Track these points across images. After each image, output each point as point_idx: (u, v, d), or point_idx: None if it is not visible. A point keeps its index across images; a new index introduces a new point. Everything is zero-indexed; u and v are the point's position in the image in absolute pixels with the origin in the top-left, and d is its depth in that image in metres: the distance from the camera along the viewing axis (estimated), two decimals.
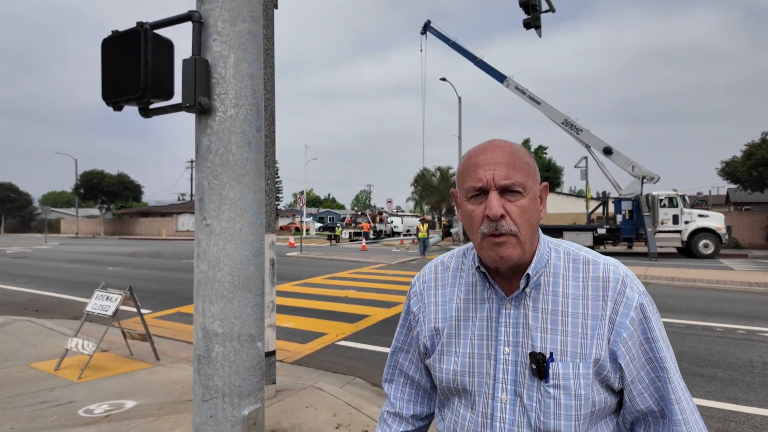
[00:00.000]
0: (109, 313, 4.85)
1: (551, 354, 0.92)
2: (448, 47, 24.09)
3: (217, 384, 1.97)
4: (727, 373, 4.86)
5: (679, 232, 19.31)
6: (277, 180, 50.44)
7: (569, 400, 0.91)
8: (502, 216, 0.90)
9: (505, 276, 0.99)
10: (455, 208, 1.05)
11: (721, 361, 5.24)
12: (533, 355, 0.92)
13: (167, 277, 13.27)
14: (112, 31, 2.10)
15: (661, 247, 19.20)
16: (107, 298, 4.99)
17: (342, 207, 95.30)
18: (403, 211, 53.53)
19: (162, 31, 2.05)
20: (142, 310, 8.13)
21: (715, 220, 19.21)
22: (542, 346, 0.93)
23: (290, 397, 3.95)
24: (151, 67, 1.96)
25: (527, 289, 0.96)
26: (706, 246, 18.95)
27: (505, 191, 0.92)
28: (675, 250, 20.47)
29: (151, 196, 72.20)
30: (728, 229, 19.45)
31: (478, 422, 0.98)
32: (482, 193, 0.93)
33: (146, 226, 50.80)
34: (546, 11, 10.78)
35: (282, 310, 8.05)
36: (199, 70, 1.92)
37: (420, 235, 21.49)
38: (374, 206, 62.27)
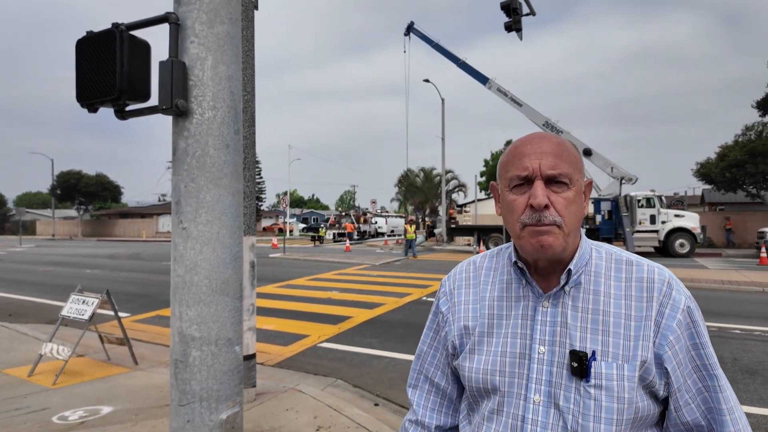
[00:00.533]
0: (86, 317, 4.76)
1: (593, 352, 0.88)
2: (431, 48, 24.22)
3: (195, 388, 1.96)
4: None
5: (657, 231, 19.76)
6: (259, 180, 50.19)
7: (611, 402, 0.85)
8: (546, 206, 0.87)
9: (543, 273, 0.95)
10: (494, 202, 1.01)
11: None
12: (574, 353, 0.88)
13: (147, 279, 13.05)
14: (87, 32, 2.07)
15: (639, 246, 19.61)
16: (83, 301, 4.89)
17: (326, 207, 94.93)
18: (387, 212, 53.59)
19: (139, 33, 2.03)
20: (121, 314, 7.98)
21: (691, 220, 19.72)
22: (582, 345, 0.88)
23: (271, 400, 3.93)
24: (127, 68, 1.94)
25: (567, 288, 0.93)
26: (682, 245, 19.43)
27: (550, 182, 0.88)
28: (653, 250, 20.93)
29: (130, 197, 70.81)
30: (703, 228, 19.99)
31: (508, 424, 0.92)
32: (527, 182, 0.90)
33: (126, 228, 49.84)
34: (527, 14, 10.94)
35: (264, 312, 7.99)
36: (176, 72, 1.90)
37: (408, 236, 21.04)
38: (358, 207, 62.20)
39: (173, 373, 2.00)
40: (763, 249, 16.63)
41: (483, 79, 22.64)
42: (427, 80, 28.24)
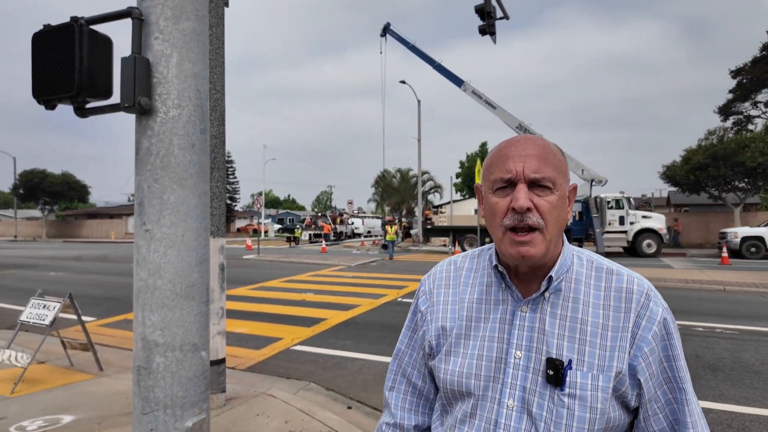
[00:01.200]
0: (47, 322, 4.57)
1: (569, 361, 0.88)
2: (408, 50, 24.32)
3: (159, 396, 1.90)
4: None
5: (625, 232, 20.36)
6: (233, 180, 49.40)
7: (584, 412, 0.85)
8: (528, 209, 0.86)
9: (523, 278, 0.95)
10: (477, 203, 1.00)
11: None
12: (551, 361, 0.87)
13: (114, 282, 12.66)
14: (44, 25, 1.99)
15: (609, 246, 20.15)
16: (44, 306, 4.70)
17: (302, 208, 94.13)
18: (364, 213, 53.53)
19: (101, 28, 1.96)
20: (86, 318, 7.71)
21: (657, 221, 20.40)
22: (558, 353, 0.88)
23: (241, 405, 3.85)
24: (87, 64, 1.87)
25: (546, 294, 0.92)
26: (649, 245, 20.07)
27: (533, 185, 0.88)
28: (622, 250, 21.54)
29: (99, 197, 68.58)
30: (669, 229, 20.71)
31: (481, 427, 0.92)
32: (510, 185, 0.89)
33: (93, 229, 48.27)
34: (500, 18, 11.09)
35: (236, 315, 7.85)
36: (139, 69, 1.84)
37: (388, 237, 20.89)
38: (335, 207, 61.93)
39: (136, 380, 1.93)
40: (724, 249, 17.32)
41: (458, 82, 22.88)
42: (403, 81, 28.36)
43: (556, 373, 0.87)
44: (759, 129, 27.36)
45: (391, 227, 21.13)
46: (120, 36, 2.00)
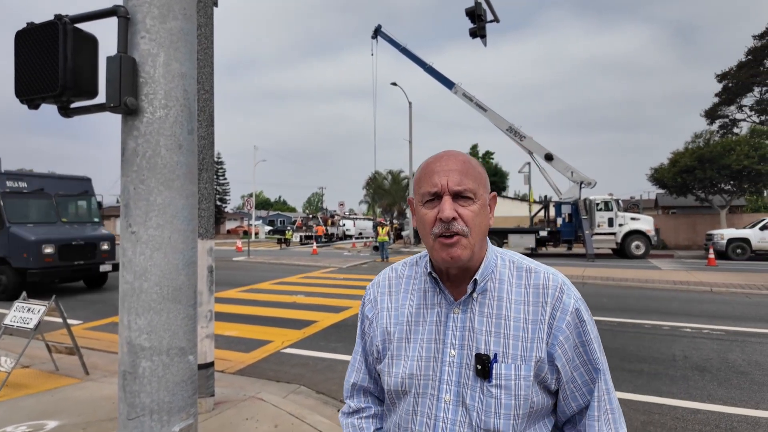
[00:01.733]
0: (31, 325, 4.48)
1: (495, 355, 0.97)
2: (399, 52, 24.35)
3: (144, 401, 1.87)
4: (653, 368, 5.19)
5: (614, 234, 20.53)
6: (223, 182, 49.06)
7: (509, 399, 0.95)
8: (454, 218, 0.95)
9: (454, 281, 1.03)
10: (411, 214, 1.09)
11: (648, 357, 5.59)
12: (479, 356, 0.96)
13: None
14: (27, 23, 1.95)
15: (598, 248, 20.31)
16: (29, 309, 4.61)
17: (293, 210, 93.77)
18: (355, 214, 53.45)
19: (86, 26, 1.92)
20: (73, 321, 7.60)
21: (646, 223, 20.60)
22: (486, 348, 0.97)
23: (230, 409, 3.81)
24: (71, 63, 1.84)
25: (474, 294, 1.01)
26: (637, 247, 20.26)
27: (457, 197, 0.97)
28: (611, 251, 21.72)
29: None
30: (657, 231, 20.91)
31: (423, 423, 1.00)
32: (437, 197, 0.98)
33: None
34: (491, 21, 11.15)
35: (225, 318, 7.78)
36: (125, 68, 1.81)
37: (379, 239, 20.40)
38: (326, 209, 61.77)
39: (121, 385, 1.90)
40: (711, 250, 17.55)
41: (449, 84, 22.94)
42: (394, 84, 28.38)
43: (483, 367, 0.96)
44: (744, 132, 27.79)
45: (382, 229, 20.78)
46: (106, 35, 1.97)
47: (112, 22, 1.87)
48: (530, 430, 0.98)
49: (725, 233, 19.72)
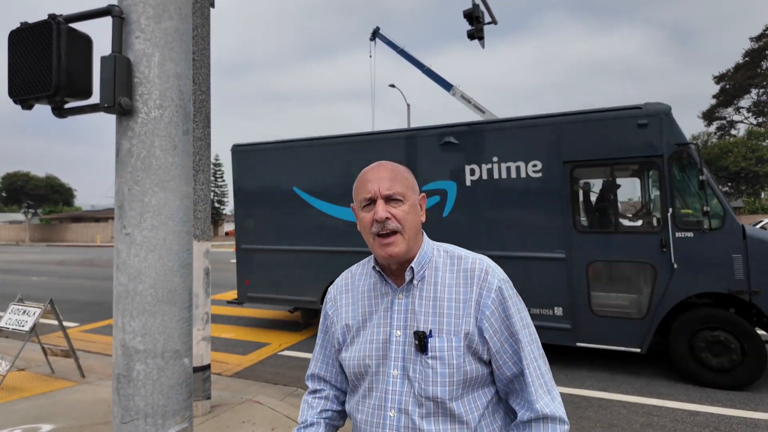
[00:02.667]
0: (26, 328, 4.46)
1: (430, 331, 1.11)
2: (397, 54, 24.37)
3: (139, 404, 1.84)
4: (652, 370, 5.18)
5: None
6: (222, 184, 48.96)
7: (444, 368, 1.08)
8: (387, 218, 1.11)
9: (397, 272, 1.19)
10: (355, 218, 1.22)
11: (647, 359, 5.58)
12: (416, 333, 1.11)
13: (99, 286, 12.44)
14: (21, 23, 1.93)
15: None
16: (24, 311, 4.58)
17: None
18: None
19: (80, 26, 1.91)
20: (69, 323, 7.57)
21: None
22: (425, 327, 1.12)
23: (227, 412, 3.78)
24: (65, 63, 1.82)
25: (414, 281, 1.15)
26: None
27: (389, 200, 1.13)
28: None
29: (84, 200, 67.60)
30: None
31: (378, 398, 1.14)
32: (372, 202, 1.14)
33: (78, 232, 47.47)
34: (489, 23, 11.17)
35: (223, 320, 7.75)
36: (119, 68, 1.80)
37: None
38: None
39: (115, 388, 1.87)
40: None
41: (447, 86, 22.93)
42: (392, 85, 28.38)
43: (420, 342, 1.10)
44: (742, 134, 27.87)
45: None
46: (102, 35, 1.96)
47: (107, 21, 1.86)
48: (468, 397, 1.10)
49: None
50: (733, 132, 30.91)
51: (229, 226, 55.69)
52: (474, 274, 1.14)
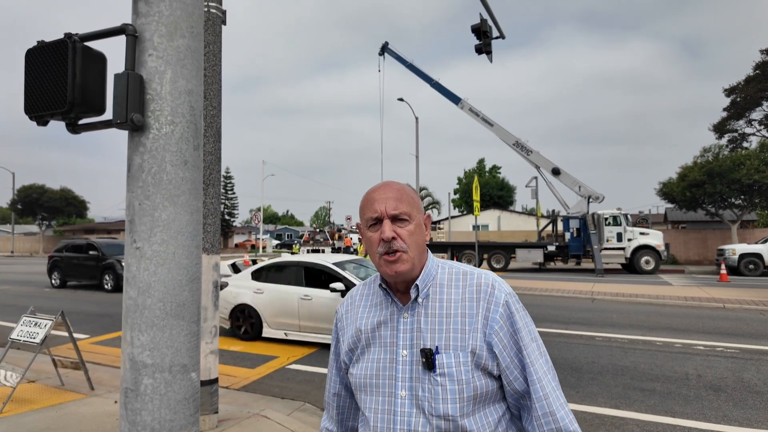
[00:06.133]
0: (37, 340, 4.49)
1: (437, 348, 1.09)
2: (406, 68, 24.57)
3: (146, 419, 1.84)
4: (666, 387, 5.07)
5: (623, 249, 20.31)
6: (232, 196, 49.39)
7: (453, 385, 1.07)
8: (393, 237, 1.11)
9: (402, 291, 1.18)
10: (361, 236, 1.23)
11: (660, 375, 5.47)
12: (423, 351, 1.09)
13: (110, 298, 12.53)
14: (38, 42, 1.98)
15: (607, 263, 20.08)
16: (35, 324, 4.62)
17: (301, 224, 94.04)
18: None
19: (95, 44, 1.95)
20: (80, 335, 7.61)
21: (655, 238, 20.35)
22: (431, 344, 1.10)
23: (233, 427, 3.76)
24: (80, 81, 1.86)
25: (419, 299, 1.15)
26: (647, 262, 19.99)
27: (395, 219, 1.13)
28: (620, 266, 21.46)
29: (97, 213, 68.54)
30: (666, 246, 20.64)
31: (384, 419, 1.12)
32: (378, 222, 1.14)
33: None
34: (496, 38, 11.24)
35: (231, 332, 7.75)
36: (132, 85, 1.83)
37: (360, 255, 17.41)
38: (333, 223, 61.85)
39: (123, 402, 1.88)
40: (723, 266, 17.27)
41: (455, 99, 23.07)
42: (401, 99, 28.59)
43: (427, 360, 1.08)
44: (754, 147, 27.56)
45: (361, 244, 18.15)
46: (116, 52, 2.00)
47: (122, 39, 1.90)
48: (479, 414, 1.09)
49: (737, 248, 19.42)
50: (745, 144, 30.57)
51: (239, 238, 55.98)
52: (480, 288, 1.14)
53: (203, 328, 3.73)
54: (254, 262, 11.34)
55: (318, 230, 43.35)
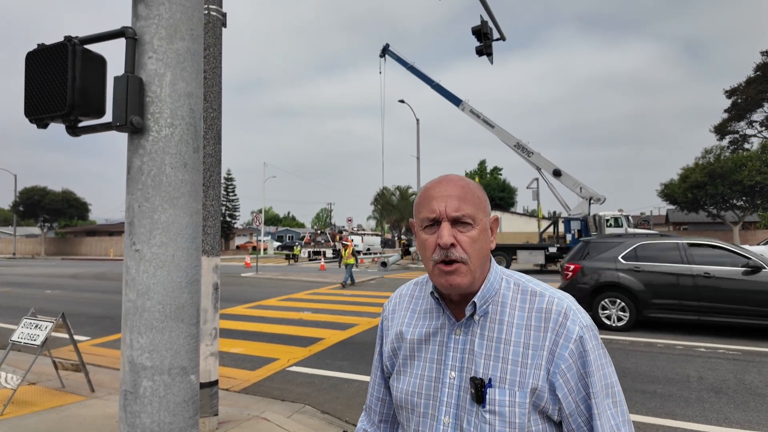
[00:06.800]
0: (38, 342, 4.49)
1: (490, 380, 0.94)
2: (407, 70, 24.61)
3: (145, 422, 1.84)
4: (667, 389, 5.05)
5: None
6: (233, 198, 49.47)
7: (503, 427, 0.92)
8: (452, 245, 0.94)
9: (457, 303, 1.02)
10: (414, 236, 1.08)
11: (661, 377, 5.45)
12: (473, 380, 0.95)
13: (111, 300, 12.54)
14: (38, 45, 1.99)
15: None
16: (36, 326, 4.63)
17: (302, 225, 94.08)
18: (363, 230, 53.47)
19: (96, 47, 1.96)
20: (81, 337, 7.61)
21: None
22: (484, 372, 0.95)
23: (233, 429, 3.76)
24: (80, 83, 1.87)
25: (476, 317, 0.99)
26: None
27: (456, 222, 0.96)
28: None
29: (99, 214, 68.62)
30: None
31: None
32: (435, 223, 0.97)
33: (92, 246, 48.12)
34: (497, 39, 11.25)
35: (232, 334, 7.75)
36: (132, 88, 1.84)
37: (344, 261, 16.30)
38: (334, 225, 61.88)
39: (122, 405, 1.88)
40: None
41: (456, 101, 23.10)
42: (402, 101, 28.63)
43: (477, 392, 0.94)
44: (755, 148, 27.53)
45: (344, 249, 16.07)
46: (116, 54, 2.00)
47: (121, 41, 1.91)
48: None
49: None
50: (746, 146, 30.54)
51: (240, 240, 56.02)
52: (550, 316, 0.96)
53: (203, 330, 3.73)
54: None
55: (319, 232, 43.36)
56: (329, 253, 37.16)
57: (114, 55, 2.07)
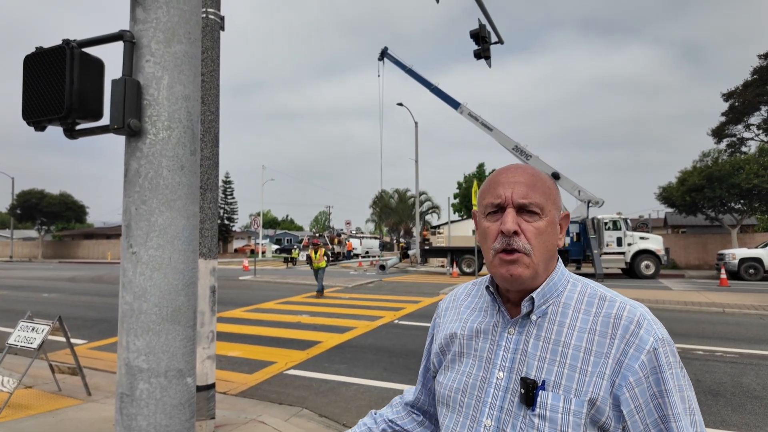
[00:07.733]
0: (34, 345, 4.48)
1: (543, 382, 0.86)
2: (405, 73, 24.67)
3: (141, 424, 1.84)
4: None
5: (623, 253, 20.31)
6: (231, 201, 49.47)
7: None
8: (515, 233, 0.88)
9: (515, 301, 0.96)
10: (475, 226, 1.03)
11: None
12: (524, 380, 0.87)
13: (108, 303, 12.50)
14: (36, 48, 2.00)
15: (607, 268, 20.07)
16: (33, 329, 4.62)
17: (300, 228, 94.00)
18: (362, 233, 53.47)
19: (94, 51, 1.97)
20: (77, 340, 7.59)
21: (655, 242, 20.37)
22: (537, 375, 0.88)
23: None
24: (77, 86, 1.87)
25: (533, 316, 0.92)
26: (647, 267, 20.00)
27: (522, 210, 0.90)
28: (620, 271, 21.45)
29: (97, 217, 68.37)
30: (667, 250, 20.65)
31: None
32: (500, 210, 0.92)
33: (90, 249, 48.00)
34: (495, 43, 11.30)
35: (229, 338, 7.73)
36: (129, 91, 1.84)
37: (314, 265, 14.19)
38: (332, 228, 61.87)
39: (118, 407, 1.87)
40: (723, 270, 17.26)
41: (455, 104, 23.14)
42: (400, 104, 28.70)
43: (527, 393, 0.86)
44: (753, 151, 27.64)
45: (316, 252, 14.40)
46: (114, 57, 2.01)
47: (119, 44, 1.91)
48: None
49: (737, 253, 19.43)
50: (743, 149, 30.66)
51: (238, 243, 55.96)
52: (620, 323, 0.86)
53: (200, 333, 3.73)
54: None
55: (318, 235, 43.33)
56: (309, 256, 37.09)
57: (112, 58, 2.08)
